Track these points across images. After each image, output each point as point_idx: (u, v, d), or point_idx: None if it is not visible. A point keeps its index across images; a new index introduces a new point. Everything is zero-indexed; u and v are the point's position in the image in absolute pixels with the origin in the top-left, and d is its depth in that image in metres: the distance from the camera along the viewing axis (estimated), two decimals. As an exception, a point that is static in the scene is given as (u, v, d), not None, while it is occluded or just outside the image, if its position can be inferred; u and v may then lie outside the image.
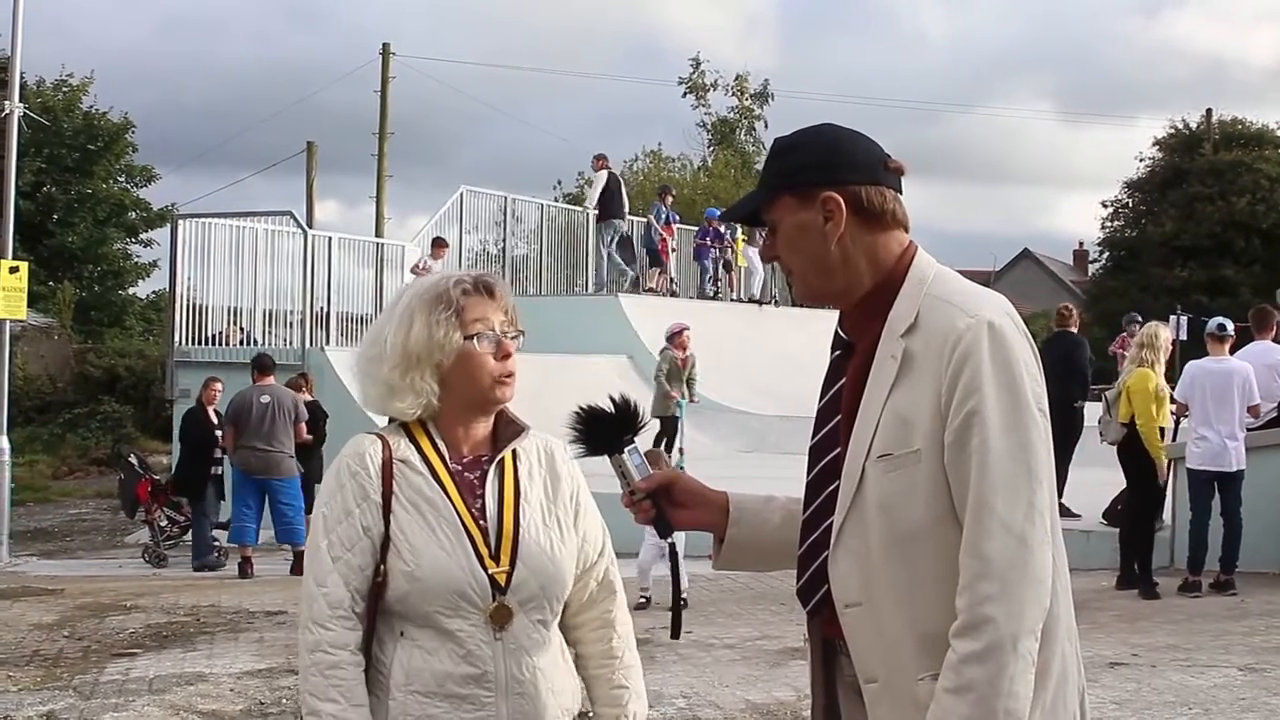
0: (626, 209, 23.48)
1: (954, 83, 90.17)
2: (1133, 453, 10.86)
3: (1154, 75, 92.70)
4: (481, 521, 2.65)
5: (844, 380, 2.38)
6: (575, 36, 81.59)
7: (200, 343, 18.19)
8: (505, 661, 2.60)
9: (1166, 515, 11.83)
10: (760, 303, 25.35)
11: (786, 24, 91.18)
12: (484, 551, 2.62)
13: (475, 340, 2.66)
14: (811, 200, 2.35)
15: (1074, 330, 13.24)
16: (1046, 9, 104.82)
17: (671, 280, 24.73)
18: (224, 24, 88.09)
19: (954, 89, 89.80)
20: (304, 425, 13.68)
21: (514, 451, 2.74)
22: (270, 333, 18.94)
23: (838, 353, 2.43)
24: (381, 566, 2.60)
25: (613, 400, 2.56)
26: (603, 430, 2.53)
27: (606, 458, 2.54)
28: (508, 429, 2.75)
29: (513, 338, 2.72)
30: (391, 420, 2.75)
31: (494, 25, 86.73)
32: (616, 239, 23.27)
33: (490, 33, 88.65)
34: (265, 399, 13.45)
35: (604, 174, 23.51)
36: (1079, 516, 12.40)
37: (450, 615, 2.58)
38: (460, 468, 2.70)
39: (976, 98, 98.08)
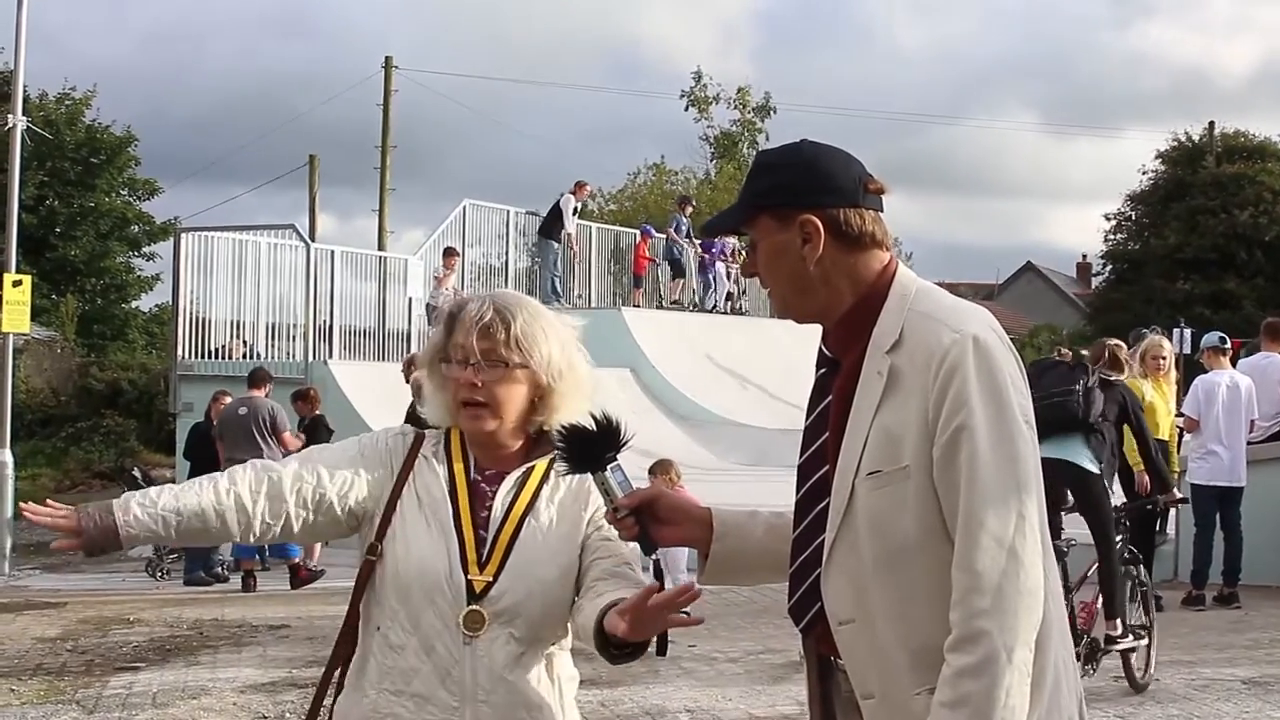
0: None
1: (935, 96, 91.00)
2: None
3: (1137, 87, 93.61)
4: (482, 531, 2.66)
5: (830, 398, 2.38)
6: (557, 51, 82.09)
7: (203, 356, 18.21)
8: (473, 667, 2.61)
9: (1170, 528, 11.83)
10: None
11: (765, 38, 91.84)
12: (471, 557, 2.64)
13: (444, 365, 2.74)
14: (790, 222, 2.35)
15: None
16: (1026, 22, 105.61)
17: (694, 292, 24.88)
18: (210, 38, 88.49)
19: (935, 102, 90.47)
20: (288, 434, 13.50)
21: (546, 473, 2.73)
22: (273, 346, 18.95)
23: (823, 370, 2.44)
24: (379, 546, 2.67)
25: (595, 418, 2.56)
26: (586, 448, 2.53)
27: (590, 475, 2.55)
28: (540, 446, 2.75)
29: (489, 365, 2.68)
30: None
31: (478, 41, 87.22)
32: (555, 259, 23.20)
33: (475, 48, 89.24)
34: (243, 410, 13.46)
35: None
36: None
37: (424, 610, 2.62)
38: (480, 478, 2.73)
39: (961, 111, 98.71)
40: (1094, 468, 7.80)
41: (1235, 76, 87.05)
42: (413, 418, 2.87)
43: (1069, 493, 7.85)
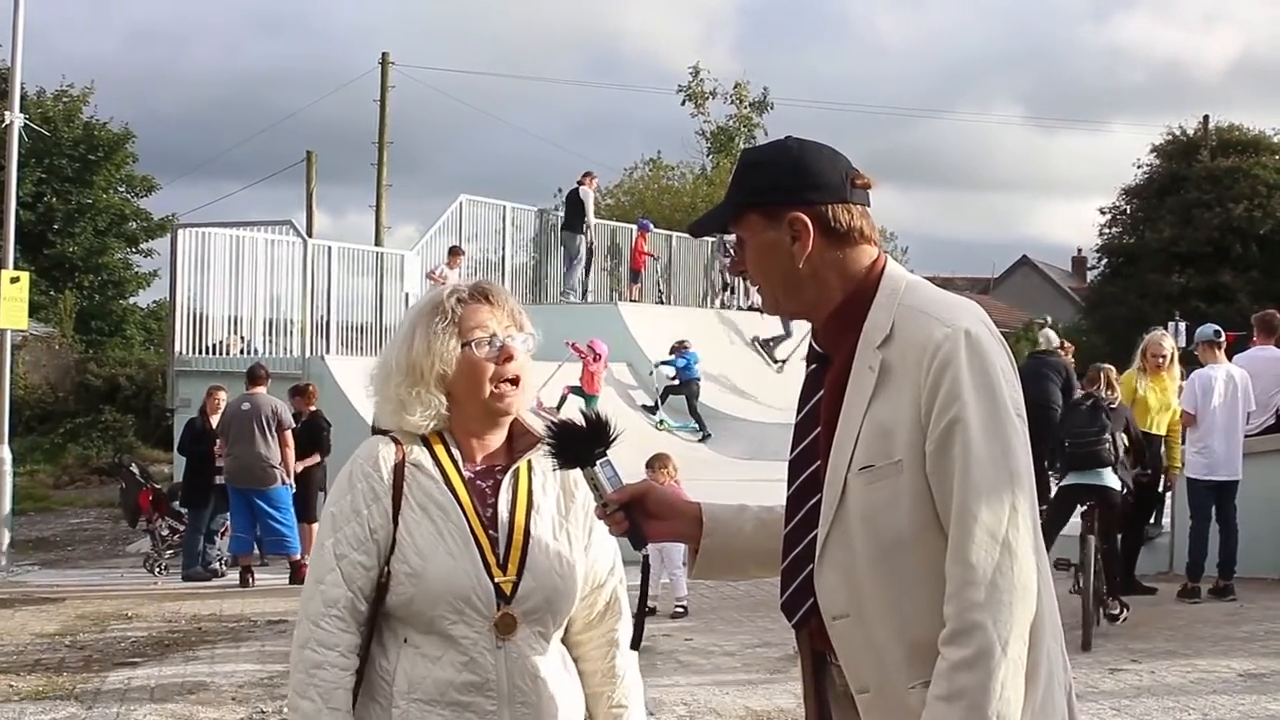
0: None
1: (919, 90, 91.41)
2: None
3: (1117, 80, 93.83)
4: (491, 531, 2.65)
5: (821, 393, 2.39)
6: (541, 46, 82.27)
7: (201, 352, 18.19)
8: (508, 670, 2.60)
9: (1165, 521, 11.86)
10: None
11: (748, 31, 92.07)
12: (491, 559, 2.62)
13: (473, 346, 2.67)
14: (779, 220, 2.36)
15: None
16: (1008, 16, 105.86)
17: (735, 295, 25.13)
18: (205, 35, 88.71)
19: (919, 96, 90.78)
20: (289, 433, 13.47)
21: (529, 463, 2.73)
22: (271, 342, 18.94)
23: (813, 366, 2.45)
24: (386, 569, 2.60)
25: (584, 414, 2.57)
26: (575, 444, 2.54)
27: (579, 470, 2.55)
28: (523, 439, 2.74)
29: (520, 341, 2.72)
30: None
31: (468, 37, 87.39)
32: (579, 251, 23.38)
33: (466, 43, 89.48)
34: (245, 407, 13.41)
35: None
36: None
37: (454, 621, 2.58)
38: (473, 475, 2.69)
39: (946, 104, 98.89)
40: (1118, 486, 9.51)
41: (1212, 70, 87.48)
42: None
43: (1087, 505, 9.48)
